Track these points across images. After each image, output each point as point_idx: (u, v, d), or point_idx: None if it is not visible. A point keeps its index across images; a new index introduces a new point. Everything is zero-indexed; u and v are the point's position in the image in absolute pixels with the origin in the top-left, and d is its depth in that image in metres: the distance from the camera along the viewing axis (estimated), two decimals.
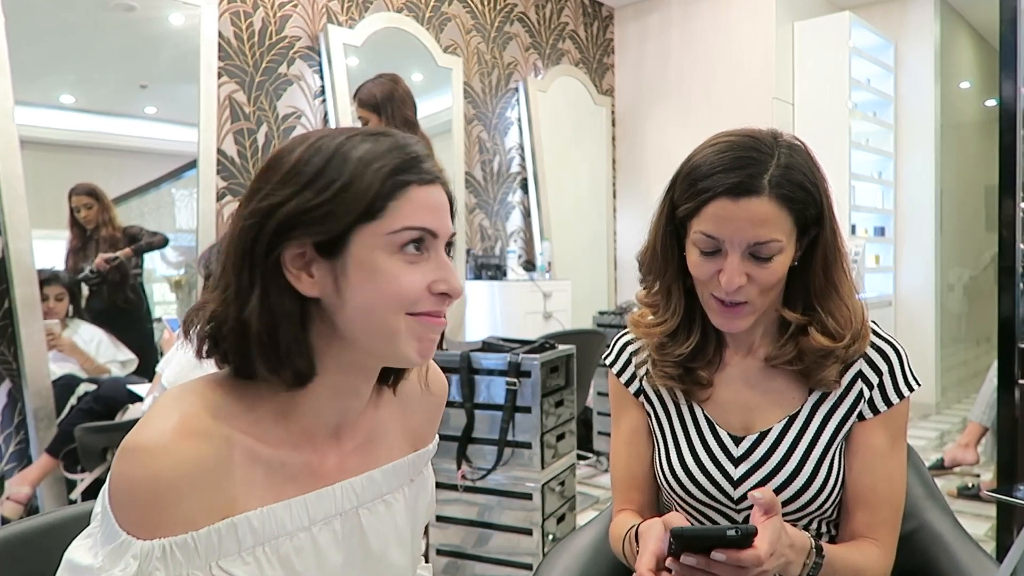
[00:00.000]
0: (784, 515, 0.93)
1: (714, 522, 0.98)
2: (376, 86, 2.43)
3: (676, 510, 1.01)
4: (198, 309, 0.67)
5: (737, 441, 0.95)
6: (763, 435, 0.94)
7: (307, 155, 0.65)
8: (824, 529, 0.97)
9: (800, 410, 0.94)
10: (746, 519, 0.94)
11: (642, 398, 1.04)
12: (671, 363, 0.97)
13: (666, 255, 0.94)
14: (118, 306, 2.71)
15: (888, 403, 0.91)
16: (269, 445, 0.67)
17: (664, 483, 1.00)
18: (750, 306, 0.88)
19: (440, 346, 2.91)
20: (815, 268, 0.90)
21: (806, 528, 0.95)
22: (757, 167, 0.84)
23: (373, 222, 0.64)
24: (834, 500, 0.93)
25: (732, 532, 0.71)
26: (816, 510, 0.93)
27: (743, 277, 0.85)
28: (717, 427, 0.97)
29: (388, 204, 0.64)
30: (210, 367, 0.70)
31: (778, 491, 0.92)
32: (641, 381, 1.03)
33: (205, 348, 0.67)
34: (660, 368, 0.98)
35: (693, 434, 0.98)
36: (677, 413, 1.00)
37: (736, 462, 0.94)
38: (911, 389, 0.92)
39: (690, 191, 0.87)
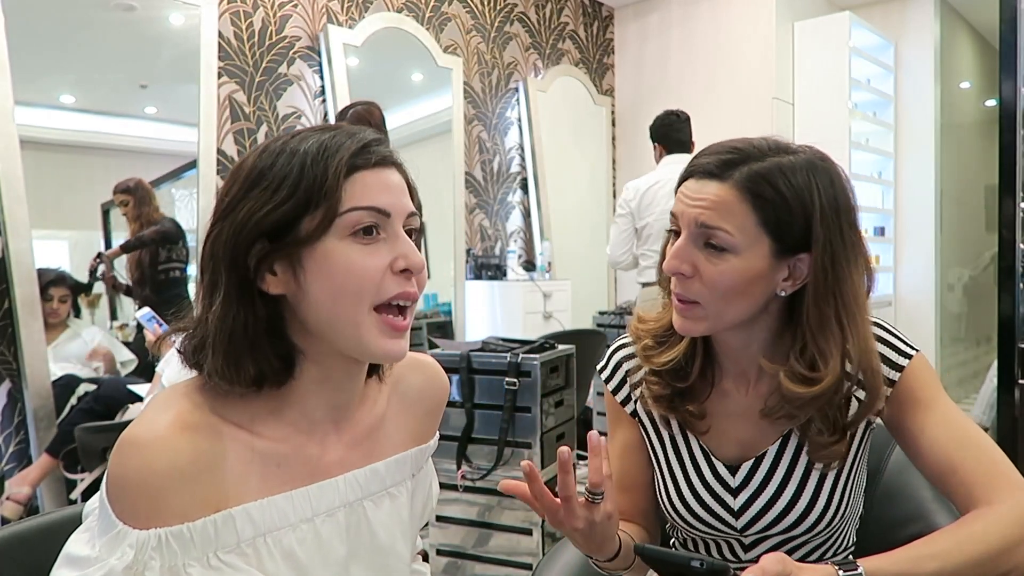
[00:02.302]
0: (793, 540, 0.90)
1: (722, 547, 0.95)
2: (366, 112, 2.43)
3: (681, 534, 0.99)
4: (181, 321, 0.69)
5: (733, 470, 0.91)
6: (758, 461, 0.90)
7: (260, 159, 0.66)
8: (846, 544, 0.94)
9: (792, 430, 0.89)
10: (753, 543, 0.92)
11: (636, 419, 0.99)
12: (656, 378, 0.92)
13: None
14: (155, 301, 2.70)
15: (889, 383, 0.85)
16: (266, 440, 0.68)
17: (667, 513, 0.96)
18: (701, 308, 0.81)
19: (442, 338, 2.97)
20: (806, 299, 0.81)
21: (824, 552, 0.92)
22: (735, 157, 0.80)
23: (321, 209, 0.64)
24: (844, 519, 0.89)
25: (697, 564, 0.68)
26: (826, 530, 0.89)
27: (686, 265, 0.81)
28: (712, 457, 0.92)
29: (337, 191, 0.64)
30: None
31: (781, 516, 0.88)
32: (636, 403, 0.98)
33: (186, 359, 0.68)
34: (649, 387, 0.93)
35: (689, 465, 0.94)
36: (672, 442, 0.95)
37: (734, 492, 0.90)
38: (908, 357, 0.85)
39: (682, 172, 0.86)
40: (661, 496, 0.96)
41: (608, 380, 1.00)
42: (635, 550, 0.72)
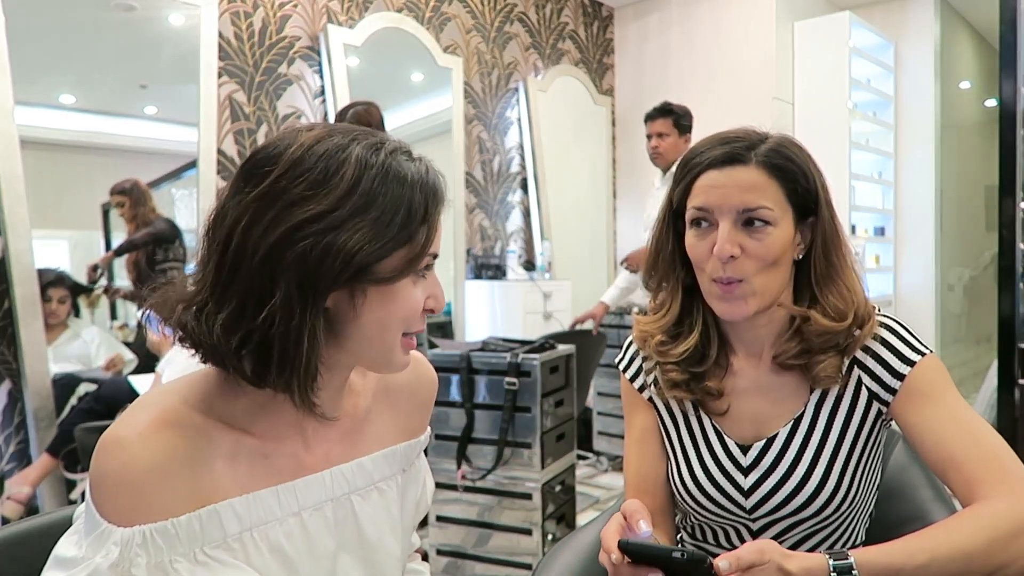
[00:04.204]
0: (801, 526, 0.91)
1: (730, 534, 0.96)
2: (365, 112, 2.43)
3: (691, 520, 1.00)
4: (186, 308, 0.65)
5: (745, 450, 0.93)
6: (770, 441, 0.92)
7: (365, 178, 0.63)
8: (855, 538, 0.94)
9: (804, 411, 0.91)
10: (762, 529, 0.93)
11: (652, 404, 1.02)
12: (673, 366, 0.94)
13: (664, 248, 0.95)
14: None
15: (899, 376, 0.86)
16: (252, 436, 0.68)
17: (678, 494, 0.98)
18: (747, 284, 0.86)
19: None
20: (816, 254, 0.89)
21: (832, 543, 0.93)
22: (744, 143, 0.87)
23: (413, 249, 0.66)
24: (854, 504, 0.90)
25: (678, 555, 0.69)
26: (834, 516, 0.89)
27: (735, 247, 0.85)
28: (725, 437, 0.95)
29: (432, 235, 0.68)
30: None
31: (790, 498, 0.89)
32: (650, 389, 1.01)
33: (196, 352, 0.66)
34: (666, 375, 0.95)
35: (702, 445, 0.96)
36: (685, 423, 0.98)
37: (745, 472, 0.92)
38: (921, 354, 0.87)
39: (682, 172, 0.91)
40: (673, 478, 0.98)
41: (626, 369, 1.04)
42: (619, 546, 0.73)
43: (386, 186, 0.64)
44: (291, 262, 0.61)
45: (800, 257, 0.90)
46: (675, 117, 3.03)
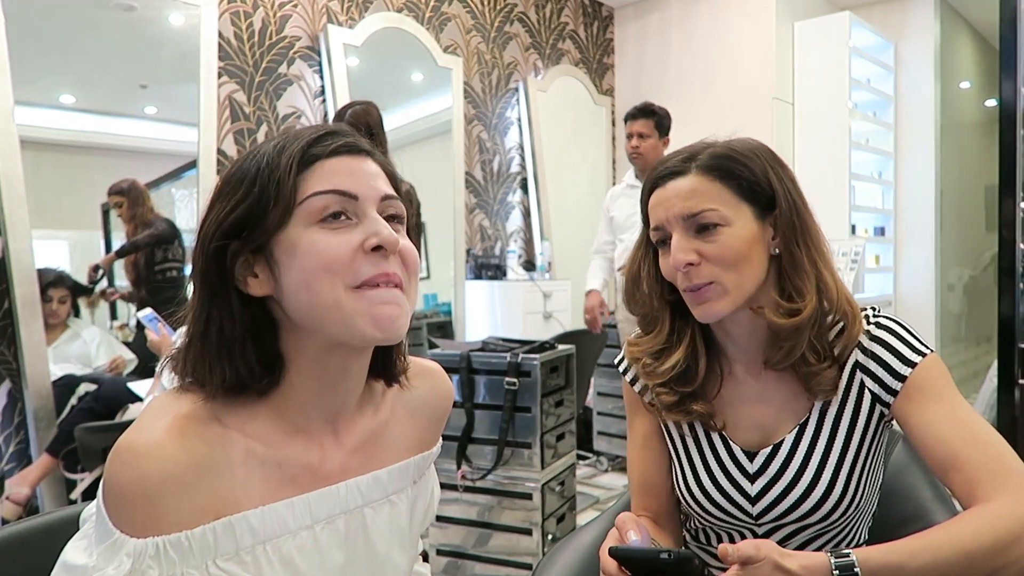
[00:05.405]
0: (806, 531, 0.91)
1: (735, 538, 0.96)
2: (364, 112, 2.43)
3: (695, 523, 1.00)
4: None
5: (751, 456, 0.93)
6: (776, 448, 0.91)
7: (232, 166, 0.68)
8: (858, 539, 0.95)
9: (808, 417, 0.91)
10: (767, 533, 0.93)
11: (654, 408, 1.01)
12: (662, 388, 0.94)
13: (646, 272, 0.95)
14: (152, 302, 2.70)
15: (900, 378, 0.86)
16: (268, 445, 0.67)
17: (683, 500, 0.98)
18: (718, 286, 0.86)
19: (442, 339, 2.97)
20: (782, 249, 0.88)
21: (836, 544, 0.93)
22: (686, 155, 0.89)
23: (280, 201, 0.63)
24: (859, 507, 0.90)
25: (665, 555, 0.72)
26: (840, 520, 0.90)
27: (690, 254, 0.85)
28: (731, 443, 0.94)
29: (289, 181, 0.64)
30: None
31: (797, 504, 0.89)
32: (650, 393, 1.00)
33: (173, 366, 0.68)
34: (658, 397, 0.95)
35: (707, 451, 0.96)
36: (690, 428, 0.97)
37: (752, 478, 0.92)
38: (921, 355, 0.86)
39: (642, 198, 0.94)
40: (678, 483, 0.98)
41: (626, 371, 1.03)
42: (610, 552, 0.75)
43: (241, 164, 0.66)
44: (194, 265, 0.66)
45: (777, 251, 0.89)
46: (657, 118, 3.03)
